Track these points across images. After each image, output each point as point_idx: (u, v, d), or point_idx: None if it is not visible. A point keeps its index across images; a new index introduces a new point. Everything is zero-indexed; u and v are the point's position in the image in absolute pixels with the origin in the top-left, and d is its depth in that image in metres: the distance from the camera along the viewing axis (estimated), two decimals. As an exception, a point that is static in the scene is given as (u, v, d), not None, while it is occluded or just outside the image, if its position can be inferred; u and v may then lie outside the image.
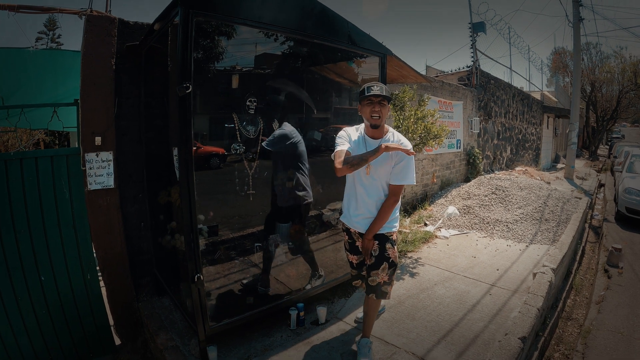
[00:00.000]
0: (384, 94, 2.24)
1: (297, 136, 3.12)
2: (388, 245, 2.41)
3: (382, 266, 2.40)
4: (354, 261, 2.60)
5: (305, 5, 2.57)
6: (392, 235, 2.45)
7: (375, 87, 2.26)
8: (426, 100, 4.38)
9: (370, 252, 2.40)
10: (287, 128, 3.11)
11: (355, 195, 2.45)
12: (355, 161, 2.22)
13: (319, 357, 2.51)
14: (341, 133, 2.47)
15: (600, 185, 12.43)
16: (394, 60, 3.40)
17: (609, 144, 32.83)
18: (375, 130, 2.35)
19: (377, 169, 2.34)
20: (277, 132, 3.09)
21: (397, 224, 2.49)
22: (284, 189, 3.18)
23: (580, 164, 17.28)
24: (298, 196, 3.17)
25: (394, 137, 2.40)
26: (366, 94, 2.26)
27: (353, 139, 2.41)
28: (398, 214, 2.51)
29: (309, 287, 3.12)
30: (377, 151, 2.19)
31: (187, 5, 1.99)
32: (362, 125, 2.47)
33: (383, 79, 3.23)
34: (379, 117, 2.28)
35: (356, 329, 2.87)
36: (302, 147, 3.17)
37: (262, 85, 3.28)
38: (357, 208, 2.44)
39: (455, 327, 2.83)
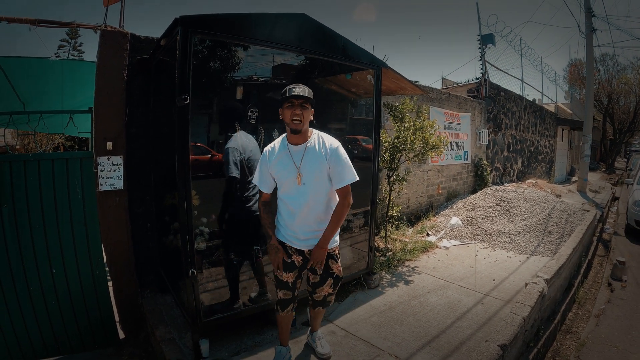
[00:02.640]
0: (306, 95, 2.07)
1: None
2: (331, 261, 2.34)
3: (327, 282, 2.37)
4: (290, 280, 2.34)
5: (299, 22, 2.73)
6: (334, 250, 2.35)
7: (297, 88, 2.07)
8: (424, 111, 4.48)
9: (314, 269, 2.32)
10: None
11: (291, 209, 2.25)
12: (263, 223, 2.39)
13: (306, 355, 2.62)
14: (262, 155, 2.31)
15: (615, 198, 12.17)
16: (390, 73, 3.52)
17: (627, 156, 32.01)
18: (297, 135, 2.15)
19: (310, 175, 2.18)
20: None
21: (337, 239, 2.38)
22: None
23: (595, 177, 16.95)
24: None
25: (319, 139, 2.22)
26: (287, 96, 2.07)
27: (276, 154, 2.23)
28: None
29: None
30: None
31: (187, 25, 2.19)
32: (282, 136, 2.30)
33: (378, 91, 3.36)
34: (300, 121, 2.08)
35: (344, 330, 2.97)
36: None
37: (264, 95, 3.44)
38: (296, 224, 2.24)
39: (441, 334, 2.89)
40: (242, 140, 2.96)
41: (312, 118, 2.18)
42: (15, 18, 3.34)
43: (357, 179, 2.23)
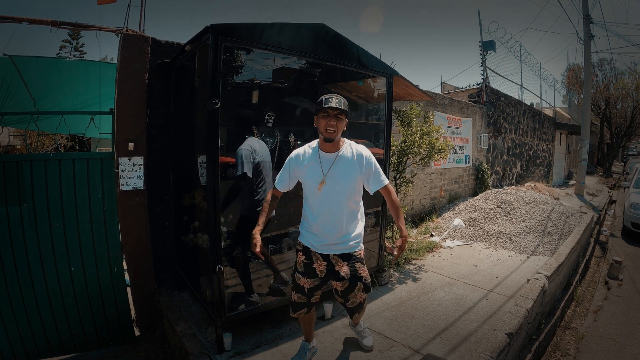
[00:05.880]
0: (342, 107, 2.11)
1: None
2: (358, 265, 2.31)
3: (357, 287, 2.31)
4: (306, 286, 2.34)
5: (319, 32, 2.89)
6: (359, 253, 2.34)
7: (333, 99, 2.11)
8: (431, 117, 4.65)
9: (349, 273, 2.28)
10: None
11: (314, 214, 2.28)
12: (261, 210, 2.35)
13: (324, 347, 2.75)
14: (291, 157, 2.35)
15: (612, 201, 12.39)
16: (400, 80, 3.69)
17: (624, 160, 32.41)
18: (330, 144, 2.20)
19: (334, 182, 2.22)
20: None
21: (362, 245, 2.38)
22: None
23: (593, 181, 17.17)
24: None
25: (351, 148, 2.29)
26: (323, 106, 2.11)
27: (304, 158, 2.28)
28: (362, 230, 2.39)
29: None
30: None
31: (217, 32, 2.33)
32: (316, 141, 2.32)
33: (390, 98, 3.51)
34: (334, 131, 2.13)
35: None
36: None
37: (280, 99, 3.57)
38: (319, 228, 2.26)
39: (450, 326, 3.05)
40: (253, 143, 3.07)
41: (345, 128, 2.24)
42: (36, 19, 3.41)
43: (386, 182, 2.36)
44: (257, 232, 2.26)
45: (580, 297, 4.86)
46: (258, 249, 2.22)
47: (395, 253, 2.31)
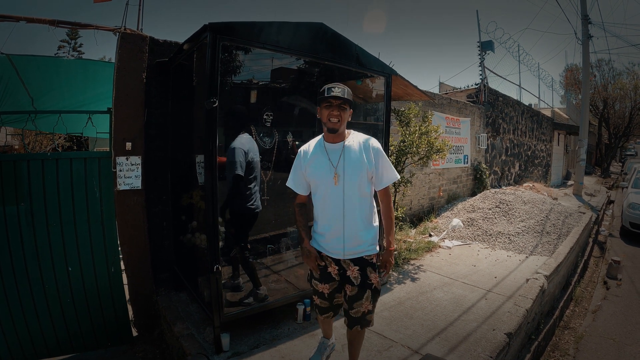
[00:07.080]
0: (345, 96, 2.00)
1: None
2: (369, 270, 2.12)
3: (365, 295, 2.13)
4: (325, 291, 2.24)
5: (317, 31, 2.88)
6: (372, 258, 2.15)
7: (335, 88, 2.00)
8: (429, 116, 4.65)
9: (359, 278, 2.12)
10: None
11: (327, 213, 2.10)
12: (297, 225, 2.24)
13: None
14: (297, 155, 2.23)
15: (610, 201, 12.41)
16: (399, 79, 3.68)
17: (622, 161, 32.53)
18: (335, 135, 2.08)
19: (348, 175, 2.05)
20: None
21: (376, 246, 2.18)
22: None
23: (591, 181, 17.20)
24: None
25: (357, 138, 2.14)
26: (325, 96, 2.00)
27: (310, 154, 2.14)
28: (377, 233, 2.20)
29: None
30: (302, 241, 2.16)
31: (215, 31, 2.32)
32: (320, 135, 2.21)
33: (389, 97, 3.50)
34: (338, 121, 2.02)
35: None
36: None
37: (279, 99, 3.56)
38: (333, 230, 2.08)
39: (449, 326, 3.04)
40: (246, 142, 3.06)
41: (349, 119, 2.11)
42: (34, 18, 3.38)
43: (399, 177, 2.22)
44: (307, 244, 2.18)
45: (579, 297, 4.86)
46: (313, 263, 2.17)
47: (385, 270, 2.15)
